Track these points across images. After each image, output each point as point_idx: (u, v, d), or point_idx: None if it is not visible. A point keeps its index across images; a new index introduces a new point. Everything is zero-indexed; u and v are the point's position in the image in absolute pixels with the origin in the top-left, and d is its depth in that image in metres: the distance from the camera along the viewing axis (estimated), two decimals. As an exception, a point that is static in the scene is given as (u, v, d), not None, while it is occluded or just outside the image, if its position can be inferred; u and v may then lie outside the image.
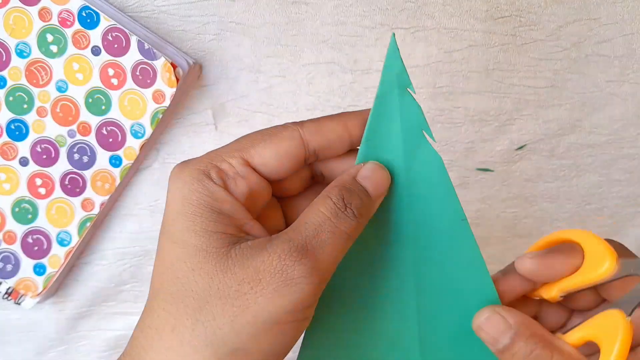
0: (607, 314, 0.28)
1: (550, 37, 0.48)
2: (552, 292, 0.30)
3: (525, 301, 0.32)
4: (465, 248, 0.30)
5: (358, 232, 0.28)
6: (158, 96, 0.46)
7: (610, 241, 0.30)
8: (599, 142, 0.50)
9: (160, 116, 0.46)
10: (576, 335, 0.29)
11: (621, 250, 0.30)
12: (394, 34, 0.29)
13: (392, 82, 0.29)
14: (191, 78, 0.48)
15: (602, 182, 0.50)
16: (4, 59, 0.46)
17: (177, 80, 0.45)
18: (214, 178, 0.28)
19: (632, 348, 0.28)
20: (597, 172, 0.50)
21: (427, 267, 0.30)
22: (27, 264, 0.47)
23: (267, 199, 0.30)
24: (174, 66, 0.45)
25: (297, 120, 0.30)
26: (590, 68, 0.49)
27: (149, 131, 0.46)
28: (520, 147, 0.50)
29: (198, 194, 0.27)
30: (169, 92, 0.45)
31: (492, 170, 0.50)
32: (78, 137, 0.47)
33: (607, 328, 0.28)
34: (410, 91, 0.29)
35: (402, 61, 0.29)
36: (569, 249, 0.30)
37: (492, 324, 0.28)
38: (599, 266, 0.28)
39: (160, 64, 0.45)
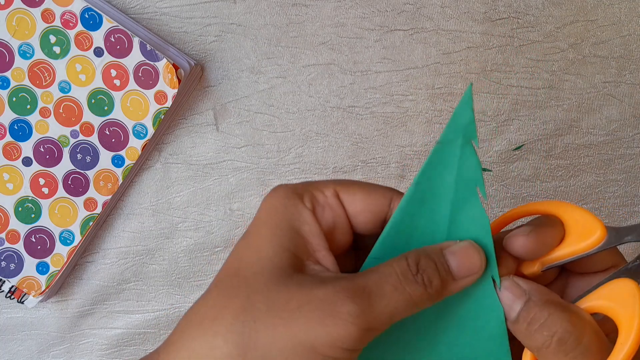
0: (619, 284, 0.27)
1: (547, 39, 0.49)
2: (533, 268, 0.29)
3: None
4: (491, 316, 0.29)
5: (426, 303, 0.27)
6: (160, 97, 0.46)
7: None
8: (596, 143, 0.50)
9: (162, 117, 0.46)
10: (583, 305, 0.27)
11: None
12: (471, 85, 0.28)
13: (458, 130, 0.28)
14: (193, 79, 0.48)
15: (599, 182, 0.51)
16: (7, 60, 0.46)
17: (179, 81, 0.46)
18: (305, 200, 0.29)
19: None
20: (593, 172, 0.51)
21: (446, 322, 0.30)
22: (30, 263, 0.48)
23: (348, 242, 0.31)
24: (175, 67, 0.46)
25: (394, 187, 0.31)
26: (587, 69, 0.49)
27: (151, 131, 0.47)
28: (518, 148, 0.50)
29: (285, 209, 0.28)
30: (171, 93, 0.46)
31: (490, 171, 0.50)
32: (81, 137, 0.47)
33: (620, 300, 0.26)
34: (474, 144, 0.28)
35: (473, 112, 0.28)
36: (553, 221, 0.29)
37: (507, 292, 0.28)
38: (588, 236, 0.27)
39: (162, 65, 0.45)
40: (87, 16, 0.45)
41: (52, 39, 0.46)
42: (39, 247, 0.48)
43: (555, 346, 0.26)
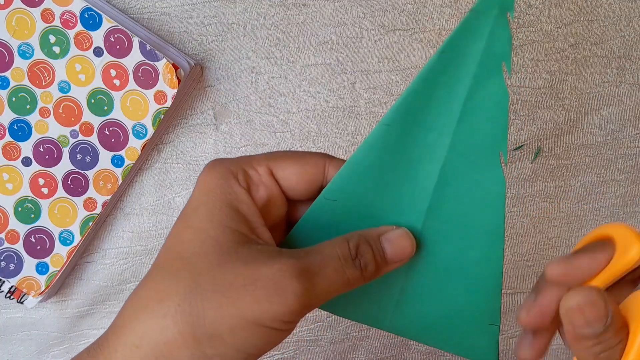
0: (635, 295, 0.27)
1: (548, 38, 0.49)
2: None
3: None
4: (492, 186, 0.29)
5: (360, 283, 0.29)
6: (160, 97, 0.46)
7: None
8: (596, 143, 0.50)
9: (162, 117, 0.46)
10: None
11: None
12: None
13: (495, 0, 0.27)
14: (192, 79, 0.48)
15: (599, 182, 0.51)
16: (6, 60, 0.46)
17: (179, 81, 0.46)
18: (240, 180, 0.30)
19: None
20: (594, 172, 0.51)
21: (451, 178, 0.30)
22: (29, 263, 0.48)
23: (282, 214, 0.32)
24: (175, 67, 0.46)
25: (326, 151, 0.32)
26: (587, 69, 0.49)
27: (150, 131, 0.47)
28: (518, 148, 0.50)
29: (222, 189, 0.29)
30: (171, 93, 0.46)
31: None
32: (80, 137, 0.47)
33: (635, 311, 0.26)
34: (509, 16, 0.27)
35: None
36: (596, 246, 0.29)
37: (594, 308, 0.27)
38: (627, 253, 0.27)
39: (161, 65, 0.45)
40: (86, 16, 0.45)
41: (52, 38, 0.46)
42: (38, 247, 0.48)
43: None
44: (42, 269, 0.48)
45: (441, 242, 0.31)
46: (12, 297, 0.48)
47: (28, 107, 0.47)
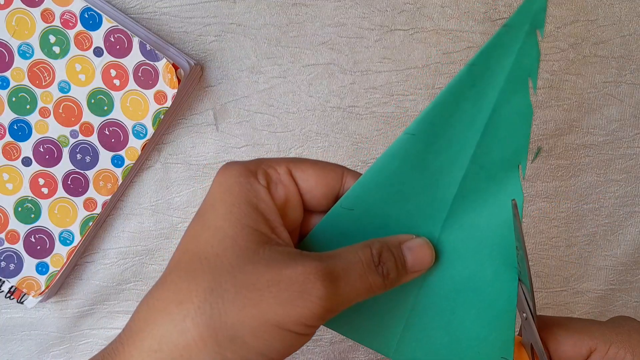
0: None
1: (548, 39, 0.49)
2: None
3: None
4: (505, 204, 0.29)
5: (380, 290, 0.28)
6: (160, 97, 0.46)
7: None
8: (596, 143, 0.50)
9: (162, 117, 0.46)
10: None
11: None
12: None
13: (527, 17, 0.27)
14: (192, 79, 0.48)
15: (599, 181, 0.51)
16: (6, 60, 0.46)
17: (179, 81, 0.46)
18: (259, 178, 0.29)
19: None
20: (594, 172, 0.51)
21: (468, 191, 0.30)
22: (29, 263, 0.48)
23: (298, 220, 0.31)
24: (175, 67, 0.46)
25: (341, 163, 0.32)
26: (587, 69, 0.49)
27: (150, 131, 0.47)
28: (518, 147, 0.50)
29: (240, 187, 0.28)
30: (171, 93, 0.46)
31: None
32: (80, 137, 0.47)
33: None
34: (538, 34, 0.27)
35: (547, 0, 0.27)
36: None
37: None
38: None
39: (162, 65, 0.45)
40: (86, 16, 0.45)
41: (52, 38, 0.46)
42: (38, 247, 0.48)
43: None
44: (42, 269, 0.48)
45: (455, 257, 0.31)
46: (12, 297, 0.48)
47: (28, 107, 0.47)
